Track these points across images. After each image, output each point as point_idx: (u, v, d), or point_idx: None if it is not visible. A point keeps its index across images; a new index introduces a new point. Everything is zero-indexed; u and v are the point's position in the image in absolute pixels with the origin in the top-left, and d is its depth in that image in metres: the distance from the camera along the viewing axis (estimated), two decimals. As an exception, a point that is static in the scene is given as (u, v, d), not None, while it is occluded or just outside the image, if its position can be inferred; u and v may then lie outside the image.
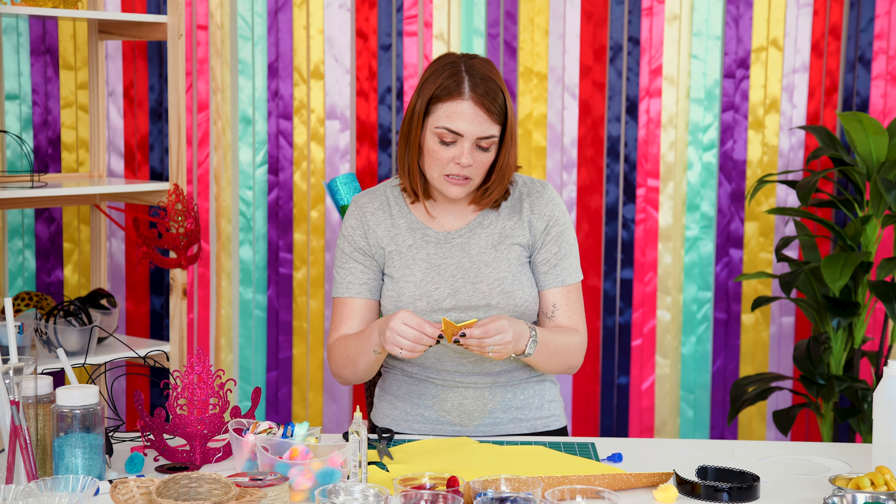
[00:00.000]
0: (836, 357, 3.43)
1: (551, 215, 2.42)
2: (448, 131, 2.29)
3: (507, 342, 2.21)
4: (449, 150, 2.31)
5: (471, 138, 2.29)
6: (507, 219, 2.42)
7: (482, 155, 2.32)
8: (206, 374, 2.10)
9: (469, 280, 2.38)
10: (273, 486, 1.81)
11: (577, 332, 2.42)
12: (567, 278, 2.42)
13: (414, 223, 2.43)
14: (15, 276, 3.66)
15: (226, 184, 3.70)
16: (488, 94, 2.29)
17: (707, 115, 3.64)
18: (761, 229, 3.67)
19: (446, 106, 2.30)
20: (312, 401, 3.76)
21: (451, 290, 2.38)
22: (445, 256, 2.40)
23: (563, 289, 2.42)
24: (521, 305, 2.38)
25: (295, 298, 3.74)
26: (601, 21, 3.62)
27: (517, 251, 2.40)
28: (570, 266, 2.43)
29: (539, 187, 2.45)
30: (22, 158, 3.56)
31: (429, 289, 2.37)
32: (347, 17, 3.66)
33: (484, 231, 2.41)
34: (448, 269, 2.39)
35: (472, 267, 2.38)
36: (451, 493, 1.81)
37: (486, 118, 2.29)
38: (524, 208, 2.42)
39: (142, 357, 2.57)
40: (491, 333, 2.20)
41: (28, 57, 3.62)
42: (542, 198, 2.43)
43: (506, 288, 2.37)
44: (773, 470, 2.10)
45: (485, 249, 2.39)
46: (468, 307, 2.37)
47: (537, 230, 2.41)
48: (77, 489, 1.83)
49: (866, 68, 3.57)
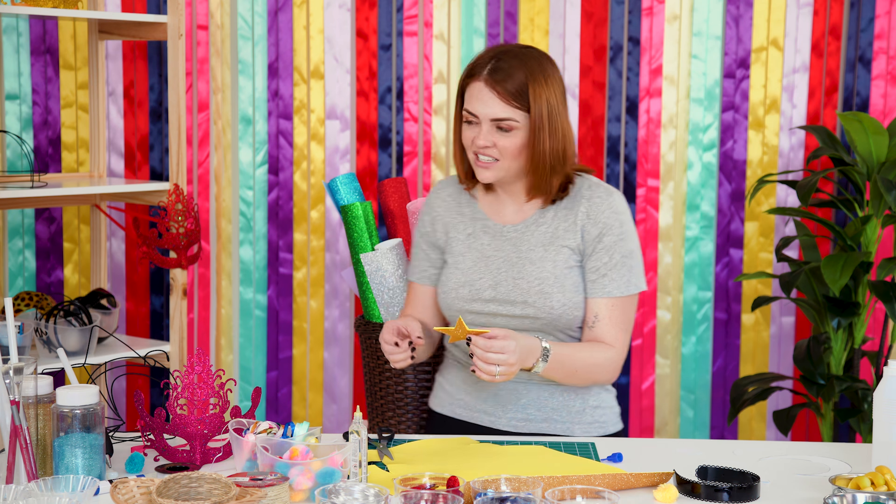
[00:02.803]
0: (837, 357, 3.43)
1: (607, 223, 2.37)
2: (467, 112, 2.35)
3: (510, 363, 2.18)
4: (470, 132, 2.36)
5: (486, 120, 2.32)
6: (562, 220, 2.40)
7: (504, 138, 2.32)
8: (206, 374, 2.10)
9: (511, 275, 2.39)
10: (273, 486, 1.81)
11: (609, 349, 2.36)
12: (614, 290, 2.36)
13: (477, 213, 2.46)
14: (15, 276, 3.66)
15: (226, 184, 3.70)
16: (505, 78, 2.30)
17: (707, 115, 3.64)
18: (761, 229, 3.67)
19: (469, 88, 2.36)
20: (312, 401, 3.76)
21: (493, 282, 2.40)
22: (497, 249, 2.42)
23: (608, 300, 2.36)
24: (557, 309, 2.36)
25: (295, 298, 3.75)
26: (601, 21, 3.62)
27: (566, 254, 2.38)
28: (619, 278, 2.37)
29: (603, 193, 2.40)
30: (22, 158, 3.56)
31: (473, 278, 2.41)
32: (347, 17, 3.66)
33: (538, 229, 2.41)
34: (495, 262, 2.41)
35: (518, 262, 2.39)
36: (451, 493, 1.81)
37: (498, 101, 2.30)
38: (580, 212, 2.39)
39: (142, 357, 2.57)
40: (492, 349, 2.17)
41: (28, 57, 3.62)
42: (602, 204, 2.38)
43: (545, 289, 2.36)
44: (773, 470, 2.10)
45: (534, 247, 2.39)
46: (506, 301, 2.38)
47: (590, 236, 2.38)
48: (77, 489, 1.83)
49: (866, 68, 3.57)
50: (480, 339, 2.17)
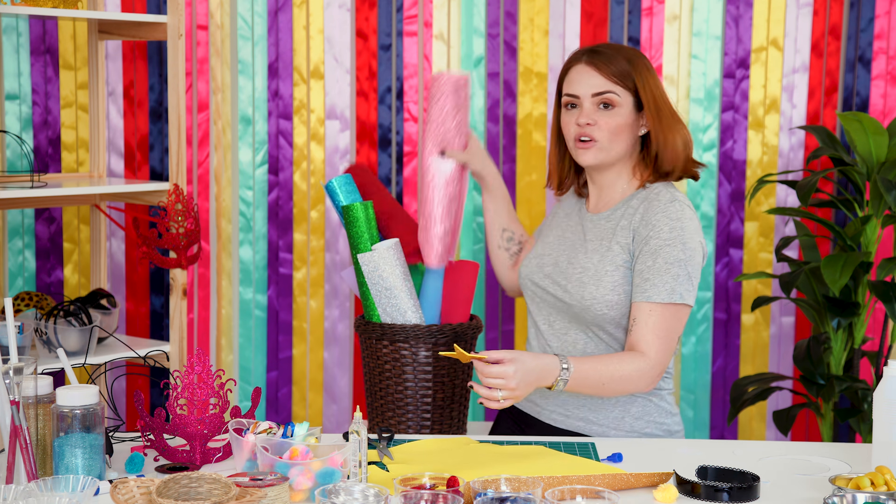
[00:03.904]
0: (836, 357, 3.43)
1: (656, 227, 2.36)
2: (568, 96, 2.43)
3: (511, 388, 2.17)
4: (572, 115, 2.43)
5: (587, 97, 2.40)
6: (622, 217, 2.42)
7: (605, 114, 2.39)
8: (206, 374, 2.10)
9: (565, 258, 2.46)
10: (273, 486, 1.81)
11: (640, 358, 2.32)
12: (654, 295, 2.32)
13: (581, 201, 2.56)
14: (15, 276, 3.66)
15: (226, 184, 3.70)
16: (602, 56, 2.40)
17: (707, 115, 3.64)
18: (761, 229, 3.67)
19: (567, 76, 2.45)
20: (312, 401, 3.76)
21: (553, 260, 2.49)
22: (574, 233, 2.50)
23: (646, 305, 2.33)
24: (588, 301, 2.38)
25: (295, 298, 3.75)
26: (601, 21, 3.62)
27: (616, 251, 2.39)
28: (661, 283, 2.32)
29: (665, 199, 2.39)
30: (22, 158, 3.56)
31: (545, 251, 2.53)
32: (347, 17, 3.66)
33: (605, 223, 2.45)
34: (566, 242, 2.49)
35: (577, 248, 2.46)
36: (451, 493, 1.81)
37: (597, 75, 2.39)
38: (637, 214, 2.40)
39: (142, 357, 2.57)
40: (490, 374, 2.17)
41: (28, 57, 3.62)
42: (657, 208, 2.38)
43: (583, 279, 2.39)
44: (773, 470, 2.10)
45: (594, 238, 2.44)
46: (554, 281, 2.45)
47: (640, 237, 2.37)
48: (77, 489, 1.83)
49: (866, 68, 3.57)
50: (479, 364, 2.18)
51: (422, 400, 2.78)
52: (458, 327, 2.62)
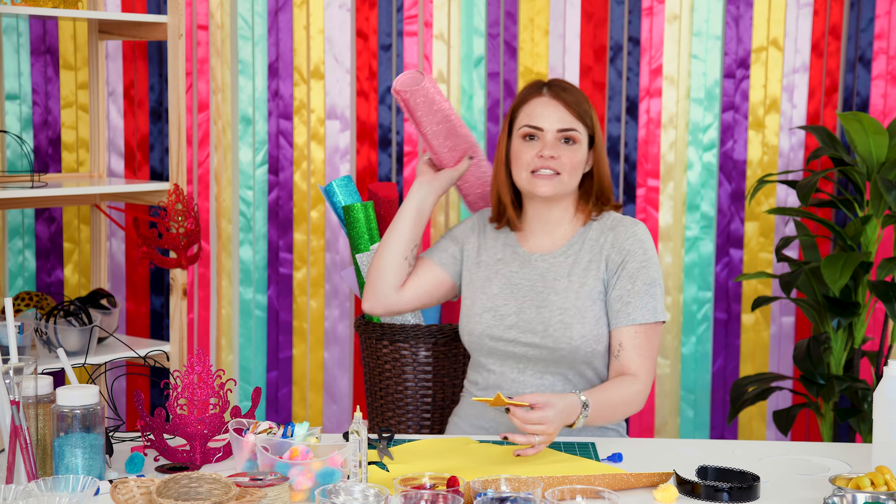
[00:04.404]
0: (836, 357, 3.43)
1: (629, 250, 2.39)
2: (529, 127, 2.40)
3: (549, 433, 2.12)
4: (532, 147, 2.40)
5: (552, 130, 2.39)
6: (587, 251, 2.42)
7: (568, 150, 2.39)
8: (206, 374, 2.10)
9: (535, 304, 2.40)
10: (273, 486, 1.81)
11: (636, 382, 2.34)
12: (638, 317, 2.35)
13: (510, 240, 2.49)
14: (15, 276, 3.66)
15: (226, 184, 3.70)
16: (567, 92, 2.41)
17: (707, 115, 3.64)
18: (761, 229, 3.67)
19: (526, 107, 2.42)
20: (312, 401, 3.76)
21: (517, 308, 2.41)
22: (524, 277, 2.44)
23: (632, 328, 2.36)
24: (577, 340, 2.36)
25: (295, 298, 3.75)
26: (601, 21, 3.62)
27: (590, 286, 2.39)
28: (643, 305, 2.36)
29: (628, 223, 2.44)
30: (22, 158, 3.56)
31: (498, 304, 2.43)
32: (347, 17, 3.66)
33: (566, 259, 2.43)
34: (521, 290, 2.42)
35: (543, 291, 2.40)
36: (451, 493, 1.81)
37: (564, 111, 2.39)
38: (606, 243, 2.41)
39: (142, 357, 2.57)
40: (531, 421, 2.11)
41: (28, 57, 3.62)
42: (626, 232, 2.41)
43: (565, 320, 2.37)
44: (773, 470, 2.10)
45: (559, 277, 2.41)
46: (528, 329, 2.39)
47: (613, 264, 2.39)
48: (77, 489, 1.83)
49: (866, 68, 3.57)
50: (519, 411, 2.11)
51: (422, 400, 2.78)
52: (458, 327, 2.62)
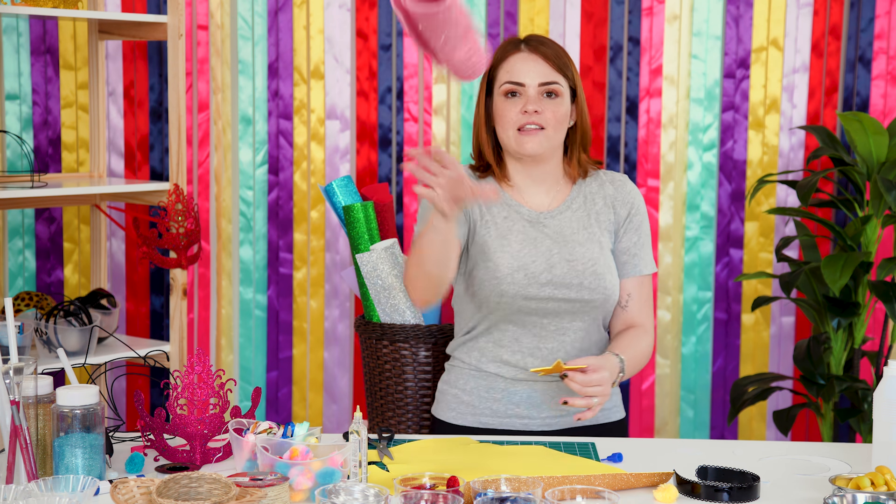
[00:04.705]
0: (836, 357, 3.43)
1: (633, 203, 2.46)
2: (511, 83, 2.37)
3: (606, 393, 2.23)
4: (516, 103, 2.37)
5: (533, 86, 2.36)
6: (592, 203, 2.45)
7: (551, 103, 2.37)
8: (206, 374, 2.10)
9: (564, 257, 2.39)
10: (273, 486, 1.81)
11: (647, 334, 2.44)
12: (644, 268, 2.45)
13: (507, 200, 2.43)
14: (15, 276, 3.66)
15: (226, 184, 3.70)
16: (545, 46, 2.39)
17: (707, 115, 3.64)
18: (761, 229, 3.67)
19: (505, 64, 2.39)
20: (312, 401, 3.76)
21: (547, 264, 2.38)
22: (539, 234, 2.41)
23: (639, 279, 2.45)
24: (609, 289, 2.40)
25: (295, 298, 3.75)
26: (601, 21, 3.62)
27: (606, 236, 2.43)
28: (646, 256, 2.46)
29: (620, 178, 2.50)
30: (22, 158, 3.56)
31: (526, 261, 2.37)
32: (347, 17, 3.66)
33: (574, 214, 2.44)
34: (544, 244, 2.40)
35: (566, 245, 2.40)
36: (451, 493, 1.81)
37: (544, 64, 2.37)
38: (608, 194, 2.46)
39: (142, 357, 2.57)
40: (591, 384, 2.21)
41: (28, 57, 3.62)
42: (626, 185, 2.48)
43: (598, 270, 2.39)
44: (773, 470, 2.10)
45: (576, 231, 2.42)
46: (562, 284, 2.37)
47: (620, 216, 2.45)
48: (77, 489, 1.83)
49: (866, 68, 3.57)
50: (578, 375, 2.20)
51: (422, 400, 2.78)
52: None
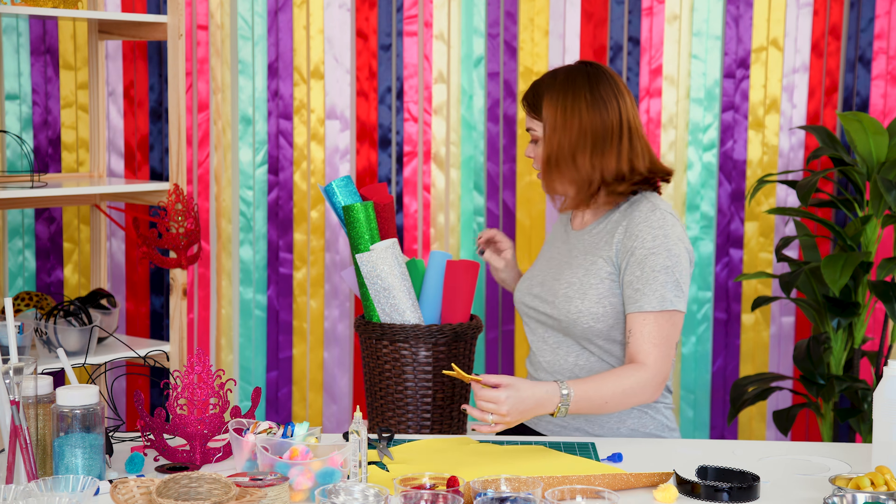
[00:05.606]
0: (836, 357, 3.43)
1: (640, 237, 2.36)
2: None
3: (502, 414, 2.16)
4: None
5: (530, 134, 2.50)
6: (604, 232, 2.45)
7: (535, 148, 2.50)
8: (206, 374, 2.10)
9: (552, 275, 2.49)
10: (273, 486, 1.81)
11: (640, 370, 2.31)
12: (645, 305, 2.32)
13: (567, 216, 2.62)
14: (15, 276, 3.66)
15: (226, 184, 3.70)
16: (530, 92, 2.48)
17: (707, 115, 3.64)
18: (761, 229, 3.67)
19: None
20: (312, 401, 3.76)
21: (541, 279, 2.53)
22: (560, 251, 2.54)
23: (640, 315, 2.33)
24: (574, 314, 2.40)
25: (295, 298, 3.75)
26: (601, 21, 3.62)
27: (600, 264, 2.40)
28: (650, 292, 2.32)
29: (646, 209, 2.40)
30: (22, 158, 3.56)
31: (535, 272, 2.58)
32: (347, 17, 3.66)
33: (590, 238, 2.48)
34: (553, 262, 2.53)
35: (562, 265, 2.49)
36: (451, 493, 1.81)
37: (528, 113, 2.48)
38: (621, 225, 2.41)
39: (142, 357, 2.57)
40: (483, 399, 2.17)
41: (28, 57, 3.62)
42: (639, 218, 2.38)
43: (569, 293, 2.42)
44: (773, 470, 2.10)
45: (579, 254, 2.47)
46: (542, 299, 2.49)
47: (624, 249, 2.38)
48: (77, 489, 1.83)
49: (866, 68, 3.57)
50: (476, 387, 2.20)
51: (422, 400, 2.78)
52: (458, 327, 2.62)
